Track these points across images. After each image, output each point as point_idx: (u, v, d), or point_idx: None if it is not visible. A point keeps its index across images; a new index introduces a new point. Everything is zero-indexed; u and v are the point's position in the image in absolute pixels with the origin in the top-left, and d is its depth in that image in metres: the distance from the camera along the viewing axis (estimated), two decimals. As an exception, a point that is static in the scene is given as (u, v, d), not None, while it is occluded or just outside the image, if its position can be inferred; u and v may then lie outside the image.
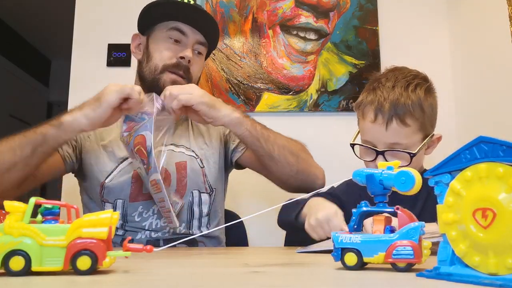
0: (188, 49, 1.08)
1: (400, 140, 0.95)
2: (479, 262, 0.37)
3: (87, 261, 0.44)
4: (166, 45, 1.09)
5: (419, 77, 1.02)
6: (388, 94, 0.97)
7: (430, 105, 0.99)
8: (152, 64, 1.08)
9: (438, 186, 0.42)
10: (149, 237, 1.04)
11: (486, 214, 0.37)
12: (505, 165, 0.36)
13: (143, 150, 0.90)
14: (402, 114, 0.94)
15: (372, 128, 0.98)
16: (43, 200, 0.47)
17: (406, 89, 0.97)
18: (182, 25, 1.09)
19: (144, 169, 0.93)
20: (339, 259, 0.48)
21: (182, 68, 1.07)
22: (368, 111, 0.99)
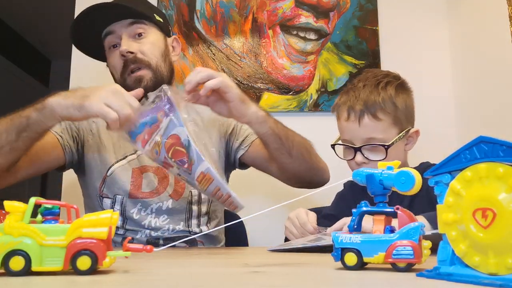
0: (122, 44, 1.06)
1: (375, 134, 0.99)
2: (479, 262, 0.37)
3: (87, 261, 0.44)
4: (111, 54, 1.10)
5: (390, 75, 1.07)
6: (359, 93, 1.02)
7: (403, 101, 1.03)
8: (117, 79, 1.10)
9: (438, 186, 0.42)
10: (149, 236, 1.04)
11: (486, 214, 0.37)
12: (505, 165, 0.36)
13: (180, 148, 0.83)
14: (373, 109, 0.99)
15: (347, 126, 1.03)
16: (43, 200, 0.47)
17: (376, 86, 1.02)
18: (109, 28, 1.08)
19: (185, 171, 0.84)
20: (339, 259, 0.48)
21: (131, 62, 1.06)
22: (342, 111, 1.05)
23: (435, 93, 1.76)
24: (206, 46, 1.76)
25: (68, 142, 1.06)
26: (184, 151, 0.82)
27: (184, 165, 0.83)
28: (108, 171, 1.06)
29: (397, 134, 1.01)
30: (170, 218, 1.07)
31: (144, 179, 1.07)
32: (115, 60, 1.08)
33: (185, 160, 0.83)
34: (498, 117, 1.45)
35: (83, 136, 1.10)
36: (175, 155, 0.83)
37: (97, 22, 1.08)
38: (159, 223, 1.05)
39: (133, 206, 1.05)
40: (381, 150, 0.99)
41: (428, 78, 1.77)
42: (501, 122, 1.43)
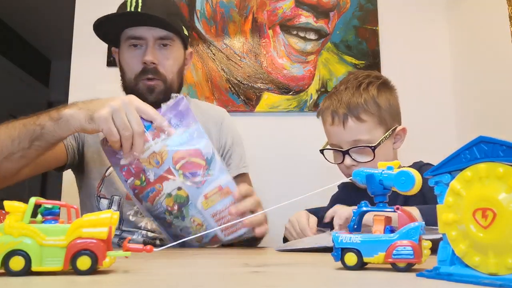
0: (148, 52, 1.06)
1: (360, 136, 1.00)
2: (479, 262, 0.37)
3: (87, 261, 0.44)
4: (129, 54, 1.09)
5: (371, 76, 1.07)
6: (341, 96, 1.02)
7: (386, 100, 1.03)
8: (127, 79, 1.09)
9: (438, 186, 0.42)
10: (146, 236, 1.04)
11: (486, 214, 0.37)
12: (505, 165, 0.36)
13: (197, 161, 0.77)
14: (356, 111, 1.00)
15: (332, 130, 1.04)
16: (43, 200, 0.47)
17: (358, 88, 1.02)
18: (137, 30, 1.07)
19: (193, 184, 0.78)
20: (339, 259, 0.48)
21: (150, 72, 1.06)
22: (326, 116, 1.05)
23: (435, 93, 1.76)
24: (206, 46, 1.76)
25: (70, 142, 1.06)
26: (202, 164, 0.77)
27: (194, 178, 0.77)
28: (106, 172, 1.06)
29: (383, 134, 1.01)
30: None
31: None
32: (133, 60, 1.08)
33: (199, 173, 0.77)
34: (498, 117, 1.45)
35: (83, 136, 1.10)
36: (186, 167, 0.77)
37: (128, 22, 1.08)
38: (155, 225, 1.05)
39: (130, 207, 1.05)
40: (369, 151, 0.99)
41: (428, 78, 1.77)
42: (501, 122, 1.43)
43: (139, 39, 1.07)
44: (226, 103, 1.70)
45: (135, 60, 1.07)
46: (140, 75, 1.07)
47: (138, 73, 1.07)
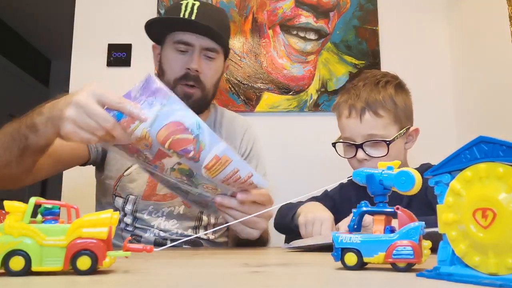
0: (194, 60, 1.06)
1: (376, 131, 1.01)
2: (479, 262, 0.37)
3: (87, 261, 0.44)
4: (174, 57, 1.09)
5: (388, 75, 1.09)
6: (359, 91, 1.04)
7: (402, 99, 1.05)
8: (166, 80, 1.09)
9: (438, 186, 0.42)
10: (157, 235, 1.05)
11: (486, 214, 0.37)
12: (505, 165, 0.36)
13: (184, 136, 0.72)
14: (374, 106, 1.01)
15: (348, 123, 1.04)
16: (43, 200, 0.48)
17: (376, 85, 1.04)
18: (186, 36, 1.07)
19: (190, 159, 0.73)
20: (339, 259, 0.48)
21: (191, 78, 1.07)
22: (343, 109, 1.06)
23: (435, 93, 1.76)
24: (206, 46, 1.76)
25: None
26: (190, 138, 0.72)
27: (188, 154, 0.73)
28: (125, 172, 1.07)
29: (397, 132, 1.02)
30: (179, 223, 1.08)
31: None
32: (176, 63, 1.08)
33: (190, 149, 0.72)
34: (498, 117, 1.45)
35: None
36: (175, 146, 0.72)
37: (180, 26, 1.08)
38: (168, 226, 1.07)
39: (144, 207, 1.07)
40: (383, 146, 1.00)
41: (428, 78, 1.77)
42: (501, 122, 1.43)
43: (186, 44, 1.07)
44: (226, 103, 1.70)
45: (178, 64, 1.08)
46: (180, 79, 1.07)
47: (179, 77, 1.07)
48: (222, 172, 0.74)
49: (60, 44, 3.50)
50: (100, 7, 1.82)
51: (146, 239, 1.05)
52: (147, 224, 1.06)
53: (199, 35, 1.06)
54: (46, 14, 3.29)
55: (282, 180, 1.66)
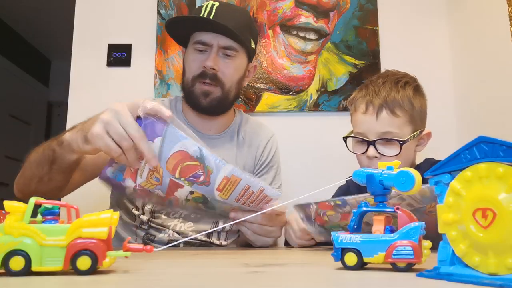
0: (210, 58, 1.07)
1: (391, 129, 1.00)
2: (479, 262, 0.37)
3: (87, 261, 0.44)
4: (193, 56, 1.10)
5: (408, 76, 1.09)
6: (379, 88, 1.03)
7: (419, 102, 1.04)
8: (186, 78, 1.11)
9: (438, 186, 0.42)
10: (172, 236, 1.06)
11: (486, 214, 0.37)
12: (505, 165, 0.36)
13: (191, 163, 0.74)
14: (392, 105, 1.00)
15: (364, 118, 1.03)
16: (43, 200, 0.48)
17: (396, 84, 1.03)
18: (204, 36, 1.08)
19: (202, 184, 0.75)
20: (339, 259, 0.48)
21: (208, 76, 1.08)
22: (360, 104, 1.05)
23: (435, 93, 1.76)
24: (206, 46, 1.76)
25: None
26: (197, 164, 0.74)
27: (199, 179, 0.75)
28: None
29: (411, 133, 1.02)
30: (195, 226, 1.08)
31: None
32: (194, 63, 1.09)
33: (199, 173, 0.75)
34: (498, 117, 1.45)
35: None
36: (185, 172, 0.74)
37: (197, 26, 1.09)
38: (184, 228, 1.07)
39: (163, 207, 1.06)
40: (396, 145, 1.00)
41: (428, 78, 1.77)
42: (501, 122, 1.43)
43: (204, 44, 1.08)
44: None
45: (196, 63, 1.09)
46: (197, 77, 1.08)
47: (196, 75, 1.08)
48: (235, 191, 0.77)
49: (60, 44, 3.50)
50: (100, 7, 1.82)
51: (159, 239, 1.05)
52: (163, 224, 1.06)
53: (217, 34, 1.07)
54: (46, 14, 3.29)
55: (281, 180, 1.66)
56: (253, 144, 1.21)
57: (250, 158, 1.19)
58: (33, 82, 3.85)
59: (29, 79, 3.79)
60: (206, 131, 1.16)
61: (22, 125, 3.59)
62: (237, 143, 1.19)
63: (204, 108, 1.10)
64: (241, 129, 1.22)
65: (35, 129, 3.79)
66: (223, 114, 1.16)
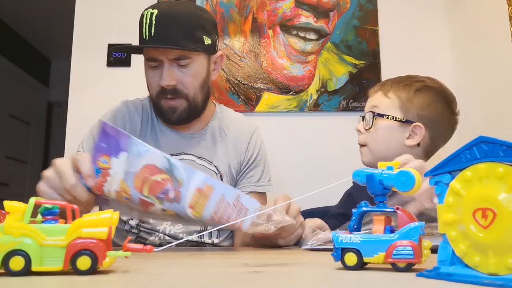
0: (163, 77, 1.03)
1: (378, 105, 1.05)
2: (479, 262, 0.37)
3: (87, 261, 0.44)
4: (149, 73, 1.08)
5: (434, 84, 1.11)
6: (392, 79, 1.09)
7: (426, 100, 1.04)
8: (150, 93, 1.10)
9: (438, 186, 0.42)
10: (163, 239, 1.05)
11: (486, 214, 0.37)
12: (505, 165, 0.36)
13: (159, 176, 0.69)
14: (387, 88, 1.06)
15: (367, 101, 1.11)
16: (43, 200, 0.47)
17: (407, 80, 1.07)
18: (152, 51, 1.04)
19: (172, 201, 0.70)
20: (339, 259, 0.48)
21: (169, 92, 1.05)
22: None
23: (435, 93, 1.76)
24: (206, 46, 1.76)
25: None
26: (166, 177, 0.69)
27: (168, 195, 0.69)
28: None
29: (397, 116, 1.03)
30: (185, 227, 1.08)
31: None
32: (152, 80, 1.07)
33: (169, 188, 0.69)
34: (498, 117, 1.45)
35: None
36: (154, 189, 0.69)
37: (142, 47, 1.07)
38: (173, 230, 1.07)
39: None
40: (380, 120, 1.03)
41: (428, 78, 1.77)
42: (501, 122, 1.43)
43: (155, 61, 1.05)
44: (226, 103, 1.70)
45: (154, 81, 1.06)
46: (159, 94, 1.06)
47: (158, 93, 1.06)
48: (208, 205, 0.70)
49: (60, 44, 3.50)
50: (100, 7, 1.82)
51: (151, 242, 1.05)
52: (152, 228, 1.06)
53: (165, 49, 1.02)
54: (46, 14, 3.29)
55: (281, 180, 1.66)
56: (237, 139, 1.17)
57: (235, 154, 1.16)
58: (33, 82, 3.85)
59: (29, 79, 3.79)
60: (184, 130, 1.14)
61: (22, 125, 3.59)
62: (220, 140, 1.16)
63: (175, 122, 1.09)
64: (222, 124, 1.19)
65: (35, 129, 3.79)
66: (197, 118, 1.13)
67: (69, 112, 1.73)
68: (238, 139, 1.18)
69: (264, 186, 1.18)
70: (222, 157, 1.14)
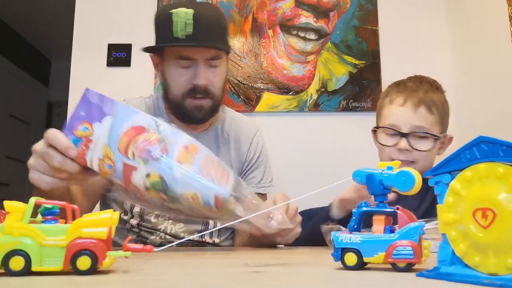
0: (200, 76, 1.03)
1: (425, 124, 1.03)
2: (479, 262, 0.37)
3: (87, 261, 0.44)
4: (178, 71, 1.05)
5: (437, 83, 1.13)
6: (417, 86, 1.06)
7: (448, 107, 1.10)
8: (173, 94, 1.07)
9: (438, 186, 0.42)
10: (164, 239, 1.05)
11: (486, 214, 0.37)
12: (505, 165, 0.36)
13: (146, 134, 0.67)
14: (429, 102, 1.04)
15: (401, 111, 1.05)
16: (43, 200, 0.48)
17: (431, 86, 1.08)
18: (187, 51, 1.03)
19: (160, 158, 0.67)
20: (339, 259, 0.48)
21: (200, 91, 1.05)
22: (397, 97, 1.07)
23: (435, 93, 1.76)
24: (206, 46, 1.76)
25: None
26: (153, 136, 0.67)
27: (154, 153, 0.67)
28: None
29: (439, 133, 1.05)
30: (186, 227, 1.07)
31: None
32: (182, 79, 1.05)
33: (155, 146, 0.67)
34: (498, 117, 1.45)
35: None
36: (141, 149, 0.67)
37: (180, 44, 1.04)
38: (175, 229, 1.06)
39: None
40: (428, 141, 1.02)
41: (428, 78, 1.77)
42: (501, 122, 1.43)
43: (188, 59, 1.03)
44: (226, 103, 1.70)
45: (183, 79, 1.05)
46: (187, 93, 1.05)
47: (186, 92, 1.05)
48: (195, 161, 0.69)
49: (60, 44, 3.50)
50: (100, 7, 1.82)
51: (152, 241, 1.05)
52: (153, 227, 1.06)
53: (199, 49, 1.02)
54: (46, 14, 3.29)
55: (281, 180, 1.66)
56: (239, 140, 1.18)
57: (236, 155, 1.17)
58: (33, 82, 3.85)
59: (29, 79, 3.79)
60: (190, 130, 1.12)
61: (22, 125, 3.59)
62: (223, 140, 1.17)
63: (198, 120, 1.09)
64: (225, 125, 1.19)
65: (35, 129, 3.79)
66: (212, 117, 1.14)
67: (69, 112, 1.73)
68: (240, 140, 1.18)
69: (265, 187, 1.19)
70: (225, 158, 1.14)
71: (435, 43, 1.81)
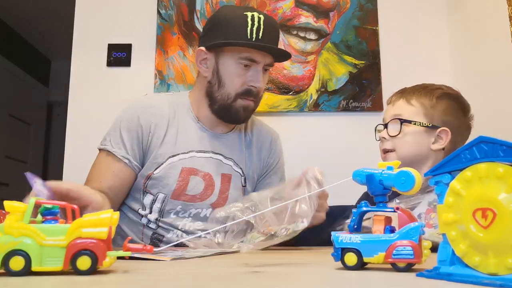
0: (259, 79, 1.07)
1: (402, 113, 1.05)
2: (479, 262, 0.37)
3: (87, 261, 0.44)
4: (237, 71, 1.07)
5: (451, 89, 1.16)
6: (410, 89, 1.10)
7: (446, 106, 1.09)
8: (225, 92, 1.08)
9: (438, 186, 0.42)
10: (180, 237, 1.05)
11: (486, 214, 0.37)
12: (505, 165, 0.36)
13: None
14: (409, 95, 1.07)
15: (387, 107, 1.12)
16: (43, 200, 0.47)
17: (426, 87, 1.09)
18: (253, 53, 1.06)
19: None
20: (339, 259, 0.48)
21: (253, 94, 1.08)
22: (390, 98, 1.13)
23: (435, 93, 1.76)
24: (206, 46, 1.76)
25: (135, 161, 1.07)
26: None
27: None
28: (155, 170, 1.06)
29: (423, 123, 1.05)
30: (204, 226, 1.08)
31: (191, 181, 1.07)
32: (240, 79, 1.07)
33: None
34: (498, 117, 1.45)
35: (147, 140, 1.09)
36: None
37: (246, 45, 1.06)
38: (193, 227, 1.07)
39: (173, 206, 1.06)
40: (401, 126, 1.04)
41: (428, 78, 1.77)
42: (502, 122, 1.43)
43: (252, 61, 1.06)
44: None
45: (241, 80, 1.07)
46: (242, 94, 1.07)
47: (241, 92, 1.07)
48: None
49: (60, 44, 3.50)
50: (100, 7, 1.82)
51: (168, 239, 1.05)
52: (172, 225, 1.06)
53: (266, 53, 1.07)
54: (46, 14, 3.29)
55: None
56: (260, 145, 1.21)
57: (258, 159, 1.20)
58: (33, 82, 3.84)
59: (29, 79, 3.79)
60: (216, 129, 1.15)
61: (22, 125, 3.59)
62: (245, 143, 1.19)
63: (241, 120, 1.12)
64: (247, 128, 1.22)
65: (35, 129, 3.78)
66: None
67: (69, 112, 1.73)
68: (262, 145, 1.21)
69: None
70: (247, 161, 1.17)
71: (435, 43, 1.81)
